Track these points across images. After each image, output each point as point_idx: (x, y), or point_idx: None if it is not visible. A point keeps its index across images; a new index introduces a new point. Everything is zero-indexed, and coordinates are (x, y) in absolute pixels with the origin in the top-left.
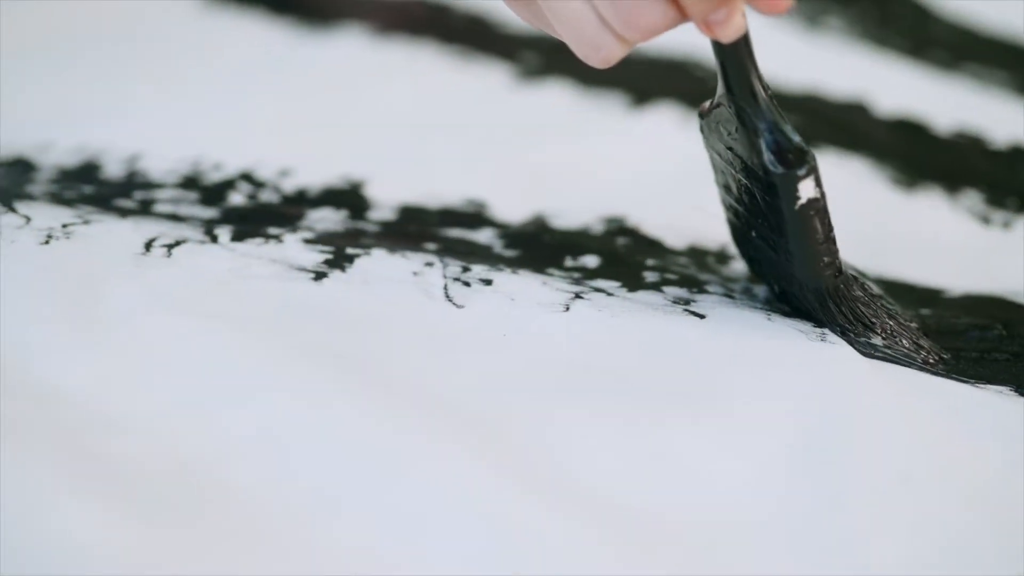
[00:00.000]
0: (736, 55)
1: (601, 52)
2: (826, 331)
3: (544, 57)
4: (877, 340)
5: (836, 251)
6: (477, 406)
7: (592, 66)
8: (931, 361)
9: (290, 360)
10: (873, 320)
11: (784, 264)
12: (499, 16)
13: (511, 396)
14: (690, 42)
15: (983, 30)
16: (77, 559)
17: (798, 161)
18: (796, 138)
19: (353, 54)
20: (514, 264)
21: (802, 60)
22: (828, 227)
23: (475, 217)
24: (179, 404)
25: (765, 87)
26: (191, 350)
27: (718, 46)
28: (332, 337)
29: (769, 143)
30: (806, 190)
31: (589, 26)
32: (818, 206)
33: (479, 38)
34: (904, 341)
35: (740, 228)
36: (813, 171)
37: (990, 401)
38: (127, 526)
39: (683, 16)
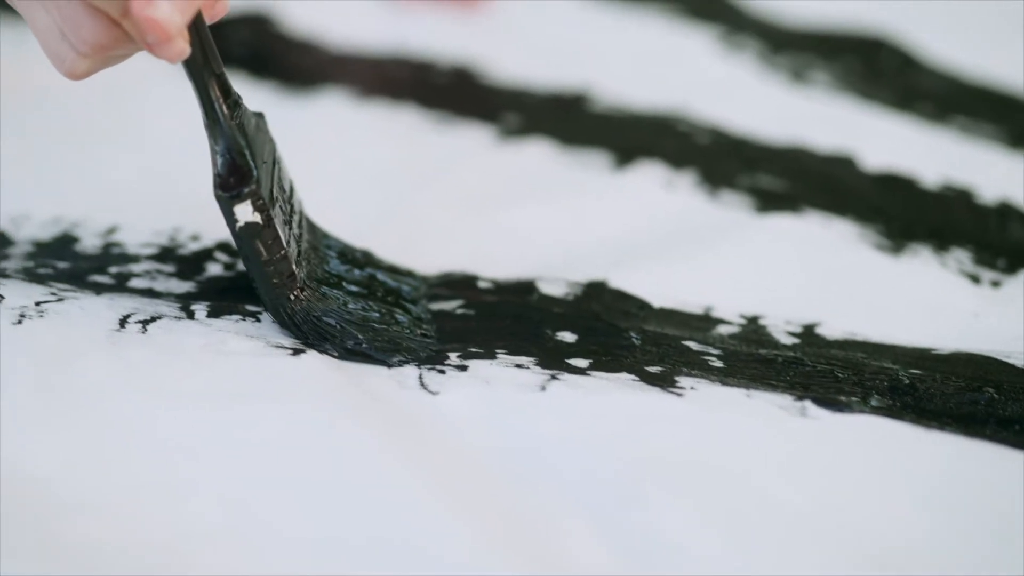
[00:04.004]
0: (192, 76)
1: (65, 64)
2: (806, 404)
3: (526, 116)
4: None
5: (288, 271)
6: (458, 483)
7: (63, 76)
8: (405, 358)
9: (261, 443)
10: (335, 335)
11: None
12: (480, 76)
13: (492, 472)
14: (673, 99)
15: (970, 80)
16: None
17: (237, 184)
18: (246, 162)
19: (334, 116)
20: (489, 343)
21: (788, 114)
22: (275, 248)
23: (451, 287)
24: (147, 487)
25: (232, 106)
26: (163, 432)
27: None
28: (307, 420)
29: (217, 164)
30: (243, 213)
31: (53, 38)
32: (257, 229)
33: (460, 98)
34: (380, 345)
35: None
36: (250, 196)
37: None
38: None
39: (127, 36)
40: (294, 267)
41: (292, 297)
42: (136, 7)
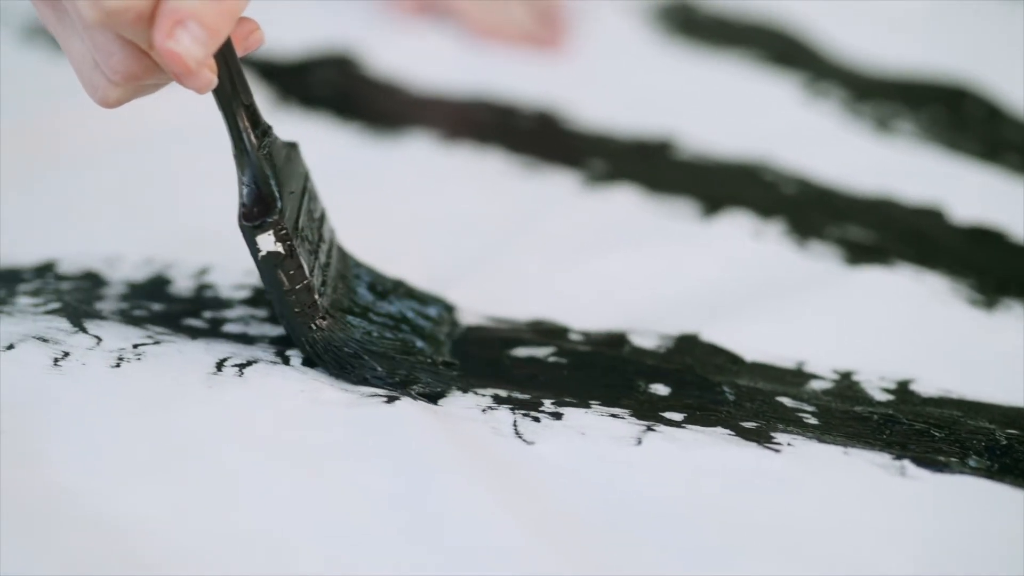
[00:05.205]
0: (221, 105)
1: (98, 92)
2: (905, 464)
3: (611, 162)
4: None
5: (309, 301)
6: (555, 537)
7: (97, 104)
8: (423, 392)
9: (359, 495)
10: (354, 364)
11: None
12: (564, 121)
13: (587, 526)
14: (758, 147)
15: None
16: None
17: (260, 214)
18: (271, 191)
19: (420, 160)
20: (582, 392)
21: (874, 164)
22: (298, 277)
23: (542, 335)
24: (245, 538)
25: (260, 136)
26: (261, 481)
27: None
28: (405, 473)
29: (242, 194)
30: (265, 243)
31: (86, 66)
32: (279, 259)
33: (545, 143)
34: (399, 377)
35: None
36: (273, 226)
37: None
38: None
39: (158, 66)
40: (316, 297)
41: (313, 326)
42: (157, 39)
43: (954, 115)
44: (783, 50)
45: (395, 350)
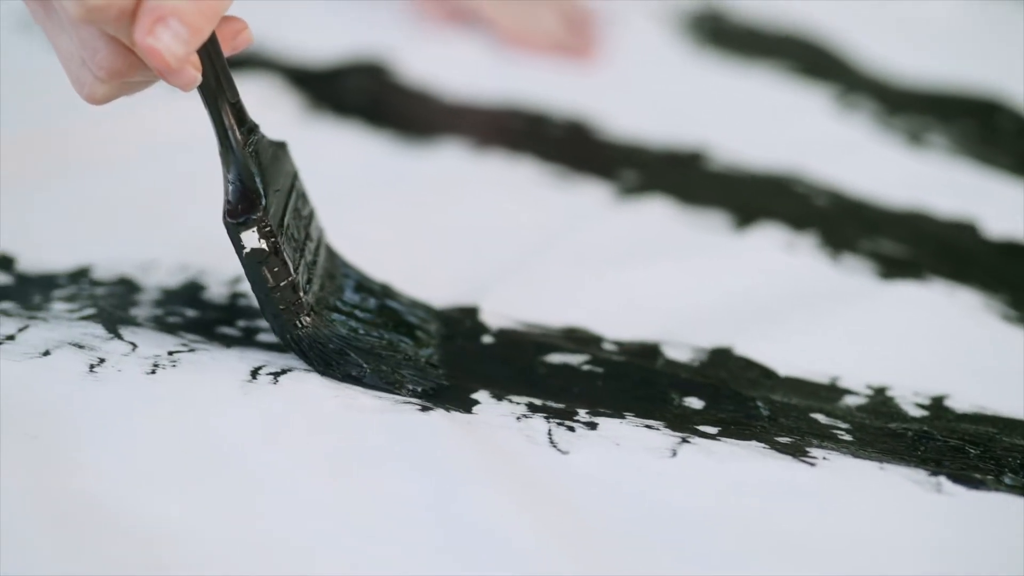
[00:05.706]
0: (206, 102)
1: (85, 88)
2: (941, 480)
3: (643, 174)
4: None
5: (294, 299)
6: (587, 551)
7: (84, 100)
8: (410, 388)
9: (390, 503)
10: (339, 362)
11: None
12: (595, 131)
13: (620, 539)
14: (789, 159)
15: None
16: None
17: (245, 211)
18: (255, 188)
19: (451, 168)
20: (617, 404)
21: (906, 177)
22: (282, 275)
23: (576, 343)
24: (280, 542)
25: (246, 134)
26: (294, 489)
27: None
28: (437, 483)
29: (228, 192)
30: (249, 240)
31: (74, 63)
32: (263, 256)
33: (577, 153)
34: (383, 374)
35: None
36: (257, 223)
37: None
38: None
39: (142, 62)
40: (301, 294)
41: (298, 323)
42: (138, 36)
43: (986, 128)
44: (815, 61)
45: (380, 348)
